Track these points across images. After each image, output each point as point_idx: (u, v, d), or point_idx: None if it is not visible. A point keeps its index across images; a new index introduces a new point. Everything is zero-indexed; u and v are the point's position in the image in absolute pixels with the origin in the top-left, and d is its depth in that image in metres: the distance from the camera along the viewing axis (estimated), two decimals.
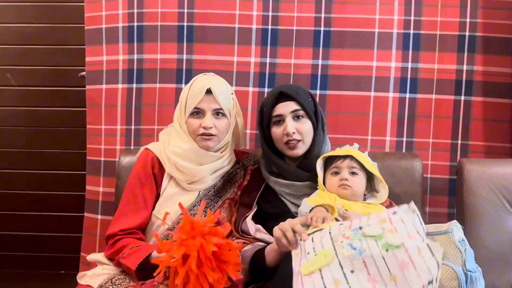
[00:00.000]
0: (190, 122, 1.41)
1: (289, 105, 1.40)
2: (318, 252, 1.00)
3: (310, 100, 1.44)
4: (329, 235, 1.03)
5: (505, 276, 1.45)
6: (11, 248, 2.26)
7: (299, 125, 1.39)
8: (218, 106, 1.40)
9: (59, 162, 2.28)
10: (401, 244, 0.94)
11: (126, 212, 1.39)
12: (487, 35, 1.76)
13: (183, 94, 1.47)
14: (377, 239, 0.97)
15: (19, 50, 2.25)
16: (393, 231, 0.98)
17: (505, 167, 1.51)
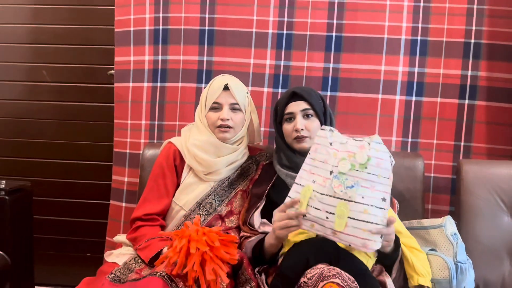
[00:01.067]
0: (209, 116, 1.56)
1: (300, 104, 1.52)
2: (336, 211, 1.16)
3: (320, 102, 1.56)
4: (321, 195, 1.19)
5: (497, 270, 1.54)
6: (44, 231, 2.40)
7: (308, 123, 1.51)
8: (234, 101, 1.55)
9: (88, 153, 2.39)
10: (368, 157, 1.18)
11: (150, 199, 1.53)
12: (492, 43, 1.83)
13: (203, 93, 1.61)
14: (352, 168, 1.16)
15: (53, 49, 2.37)
16: (351, 155, 1.18)
17: (500, 168, 1.59)
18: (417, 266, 1.32)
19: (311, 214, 1.20)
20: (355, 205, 1.15)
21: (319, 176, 1.22)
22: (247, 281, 1.33)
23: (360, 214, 1.15)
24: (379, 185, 1.18)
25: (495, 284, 1.53)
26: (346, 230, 1.15)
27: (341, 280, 1.09)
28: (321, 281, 1.10)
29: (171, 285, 1.20)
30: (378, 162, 1.19)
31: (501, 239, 1.54)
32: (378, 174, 1.18)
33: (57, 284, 2.38)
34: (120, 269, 1.34)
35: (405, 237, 1.39)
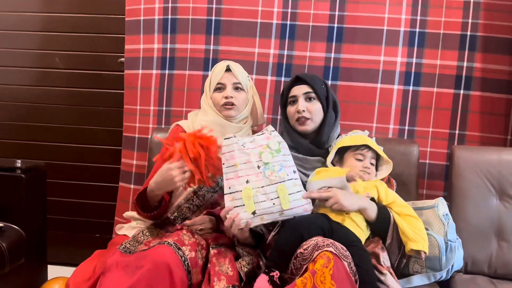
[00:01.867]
0: (214, 96, 1.65)
1: (303, 88, 1.61)
2: (279, 194, 1.36)
3: (323, 87, 1.64)
4: (262, 188, 1.36)
5: (485, 249, 1.62)
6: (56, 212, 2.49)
7: (310, 105, 1.60)
8: (236, 80, 1.64)
9: (98, 137, 2.48)
10: (278, 143, 1.43)
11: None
12: (487, 35, 1.90)
13: (207, 80, 1.71)
14: (272, 156, 1.39)
15: (66, 37, 2.45)
16: (265, 147, 1.39)
17: (490, 154, 1.67)
18: (408, 231, 1.39)
19: (260, 208, 1.34)
20: (288, 182, 1.37)
21: (249, 175, 1.38)
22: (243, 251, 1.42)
23: (293, 187, 1.37)
24: (289, 161, 1.43)
25: (482, 262, 1.62)
26: (291, 205, 1.35)
27: (334, 248, 1.18)
28: (316, 251, 1.19)
29: (178, 253, 1.30)
30: (283, 145, 1.44)
31: (489, 220, 1.62)
32: (286, 153, 1.43)
33: (67, 263, 2.48)
34: (130, 241, 1.43)
35: (398, 206, 1.46)
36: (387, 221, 1.43)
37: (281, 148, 1.42)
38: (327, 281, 1.13)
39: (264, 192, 1.34)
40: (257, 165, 1.37)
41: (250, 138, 1.45)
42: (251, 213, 1.33)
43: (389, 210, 1.46)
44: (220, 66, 1.67)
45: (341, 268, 1.16)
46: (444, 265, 1.47)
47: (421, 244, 1.38)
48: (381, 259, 1.38)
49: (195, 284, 1.32)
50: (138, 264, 1.27)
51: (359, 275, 1.21)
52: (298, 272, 1.22)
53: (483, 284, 1.54)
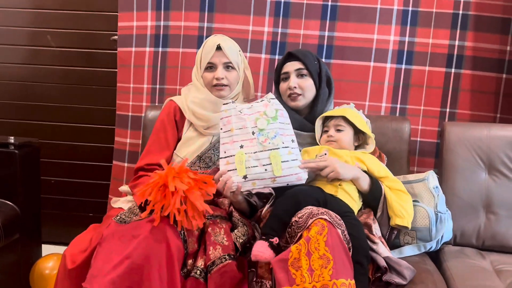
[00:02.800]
0: (205, 76, 1.65)
1: (295, 64, 1.62)
2: (271, 161, 1.37)
3: (316, 63, 1.64)
4: (255, 154, 1.37)
5: (473, 221, 1.66)
6: (50, 191, 2.49)
7: (301, 81, 1.61)
8: (227, 60, 1.63)
9: (91, 117, 2.47)
10: (276, 110, 1.43)
11: (152, 151, 1.63)
12: (479, 14, 1.92)
13: (198, 54, 1.69)
14: (268, 123, 1.40)
15: (57, 15, 2.42)
16: (262, 113, 1.40)
17: (480, 130, 1.70)
18: (395, 206, 1.43)
19: (252, 173, 1.37)
20: (282, 149, 1.38)
21: (244, 140, 1.40)
22: (239, 221, 1.45)
23: (287, 156, 1.38)
24: (287, 130, 1.43)
25: (471, 234, 1.66)
26: (283, 172, 1.36)
27: (328, 216, 1.21)
28: (310, 218, 1.22)
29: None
30: (281, 113, 1.45)
31: (478, 194, 1.66)
32: (284, 122, 1.44)
33: (61, 242, 2.49)
34: (125, 212, 1.44)
35: (390, 181, 1.49)
36: (379, 192, 1.46)
37: (278, 116, 1.42)
38: (321, 247, 1.16)
39: (257, 157, 1.36)
40: (252, 131, 1.39)
41: (248, 105, 1.47)
42: (242, 177, 1.36)
43: (380, 182, 1.49)
44: (210, 44, 1.65)
45: (334, 235, 1.19)
46: (434, 235, 1.51)
47: (406, 220, 1.43)
48: (373, 229, 1.42)
49: (191, 253, 1.34)
50: (135, 233, 1.28)
51: (352, 243, 1.24)
52: (292, 240, 1.25)
53: (471, 255, 1.59)
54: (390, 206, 1.44)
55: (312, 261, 1.14)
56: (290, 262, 1.16)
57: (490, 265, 1.52)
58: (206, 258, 1.31)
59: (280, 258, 1.19)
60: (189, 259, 1.33)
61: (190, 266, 1.32)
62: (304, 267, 1.14)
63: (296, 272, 1.15)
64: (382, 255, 1.33)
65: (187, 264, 1.32)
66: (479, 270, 1.46)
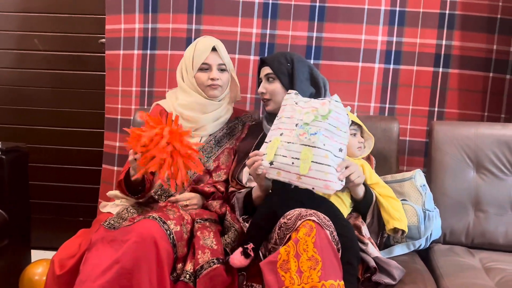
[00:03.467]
0: (199, 76, 1.64)
1: (266, 70, 1.64)
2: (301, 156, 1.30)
3: (289, 65, 1.61)
4: (288, 144, 1.33)
5: (462, 219, 1.67)
6: (39, 196, 2.46)
7: (268, 86, 1.62)
8: (222, 61, 1.64)
9: (80, 120, 2.45)
10: (329, 110, 1.34)
11: None
12: (465, 14, 1.94)
13: (188, 55, 1.68)
14: (315, 119, 1.32)
15: (44, 18, 2.39)
16: (315, 109, 1.32)
17: (468, 128, 1.71)
18: (392, 211, 1.44)
19: (278, 162, 1.34)
20: (317, 150, 1.30)
21: (286, 129, 1.37)
22: (231, 225, 1.44)
23: (322, 158, 1.29)
24: (337, 136, 1.34)
25: (460, 232, 1.67)
26: (310, 173, 1.29)
27: (317, 218, 1.21)
28: (299, 220, 1.22)
29: (163, 226, 1.31)
30: (337, 116, 1.35)
31: (466, 192, 1.68)
32: (337, 127, 1.34)
33: (51, 247, 2.47)
34: (114, 218, 1.43)
35: (381, 187, 1.50)
36: (371, 200, 1.48)
37: (329, 116, 1.33)
38: (310, 249, 1.16)
39: (288, 148, 1.33)
40: (296, 122, 1.36)
41: (307, 99, 1.43)
42: (268, 162, 1.34)
43: (371, 190, 1.50)
44: (205, 44, 1.65)
45: (323, 236, 1.19)
46: (422, 233, 1.52)
47: (404, 223, 1.44)
48: (363, 230, 1.42)
49: (180, 257, 1.34)
50: (124, 238, 1.28)
51: (342, 243, 1.24)
52: (281, 242, 1.25)
53: (461, 253, 1.60)
54: (386, 211, 1.45)
55: (301, 263, 1.14)
56: (279, 264, 1.16)
57: (479, 263, 1.53)
58: (195, 262, 1.31)
59: (269, 261, 1.19)
60: (178, 263, 1.33)
61: (180, 270, 1.32)
62: (293, 269, 1.14)
63: (285, 274, 1.15)
64: (371, 255, 1.33)
65: (177, 268, 1.32)
66: (469, 268, 1.47)
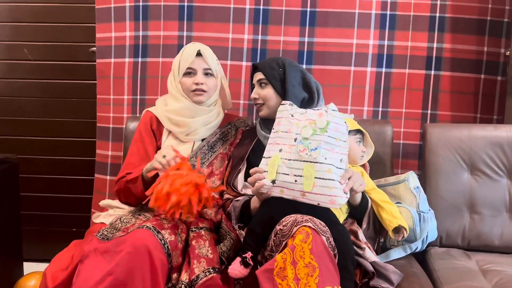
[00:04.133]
0: (184, 81, 1.63)
1: (258, 75, 1.63)
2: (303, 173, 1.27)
3: (281, 70, 1.61)
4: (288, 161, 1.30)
5: (458, 222, 1.67)
6: (30, 207, 2.43)
7: (261, 91, 1.61)
8: (207, 66, 1.63)
9: (71, 130, 2.43)
10: (327, 122, 1.28)
11: (132, 162, 1.60)
12: (455, 16, 1.95)
13: (175, 61, 1.67)
14: (314, 133, 1.28)
15: (33, 28, 2.38)
16: (312, 122, 1.29)
17: (461, 130, 1.71)
18: (394, 212, 1.43)
19: (280, 180, 1.30)
20: (320, 165, 1.26)
21: (284, 144, 1.33)
22: (227, 233, 1.43)
23: (325, 173, 1.26)
24: (338, 147, 1.30)
25: (456, 235, 1.67)
26: (314, 189, 1.26)
27: (313, 223, 1.20)
28: (295, 226, 1.20)
29: (157, 236, 1.29)
30: (336, 127, 1.31)
31: (461, 194, 1.67)
32: (337, 138, 1.30)
33: (44, 259, 2.43)
34: (107, 228, 1.41)
35: (377, 193, 1.50)
36: (366, 206, 1.47)
37: (328, 128, 1.29)
38: (306, 255, 1.14)
39: (290, 165, 1.29)
40: (295, 137, 1.32)
41: (303, 110, 1.39)
42: (271, 181, 1.31)
43: (368, 197, 1.49)
44: (191, 49, 1.64)
45: (319, 242, 1.18)
46: (418, 235, 1.51)
47: (405, 223, 1.44)
48: (359, 235, 1.41)
49: (175, 267, 1.32)
50: (117, 249, 1.26)
51: (338, 248, 1.23)
52: (278, 249, 1.23)
53: (457, 256, 1.59)
54: (389, 213, 1.44)
55: (298, 270, 1.13)
56: (276, 272, 1.15)
57: (476, 265, 1.53)
58: (191, 272, 1.29)
59: (265, 268, 1.17)
60: (173, 273, 1.31)
61: (175, 280, 1.30)
62: (290, 277, 1.12)
63: (282, 282, 1.13)
64: (369, 260, 1.32)
65: (172, 279, 1.30)
66: (466, 271, 1.46)
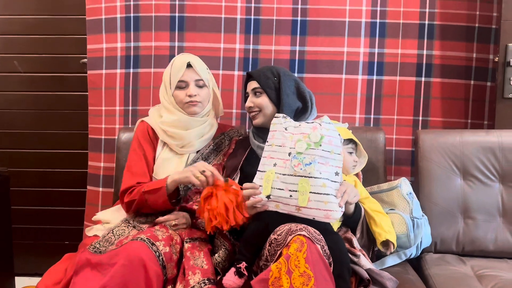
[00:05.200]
0: (176, 94, 1.63)
1: (252, 84, 1.63)
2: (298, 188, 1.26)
3: (276, 79, 1.62)
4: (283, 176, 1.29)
5: (452, 228, 1.67)
6: (22, 221, 2.41)
7: (256, 100, 1.61)
8: (198, 77, 1.63)
9: (63, 142, 2.41)
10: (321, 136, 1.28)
11: (136, 171, 1.57)
12: (444, 24, 1.97)
13: (166, 74, 1.67)
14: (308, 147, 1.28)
15: (24, 40, 2.37)
16: (306, 136, 1.28)
17: (453, 136, 1.73)
18: (384, 225, 1.44)
19: (275, 195, 1.29)
20: (314, 180, 1.26)
21: (278, 159, 1.32)
22: (221, 244, 1.42)
23: (320, 188, 1.25)
24: (332, 160, 1.30)
25: (450, 240, 1.67)
26: (309, 204, 1.25)
27: (307, 232, 1.20)
28: (289, 235, 1.20)
29: (152, 248, 1.28)
30: (330, 140, 1.30)
31: (455, 200, 1.68)
32: (331, 151, 1.30)
33: (36, 274, 2.40)
34: (100, 241, 1.39)
35: (370, 202, 1.50)
36: (359, 215, 1.48)
37: (322, 142, 1.29)
38: (301, 264, 1.14)
39: (284, 181, 1.28)
40: (289, 151, 1.30)
41: (296, 123, 1.38)
42: (265, 196, 1.30)
43: (360, 205, 1.50)
44: (180, 61, 1.64)
45: (314, 251, 1.17)
46: (413, 241, 1.51)
47: (394, 237, 1.44)
48: (354, 242, 1.41)
49: (170, 279, 1.30)
50: (111, 262, 1.24)
51: (333, 256, 1.23)
52: (272, 258, 1.23)
53: (452, 261, 1.59)
54: (377, 225, 1.44)
55: (293, 280, 1.12)
56: (271, 282, 1.14)
57: (471, 271, 1.53)
58: (186, 283, 1.27)
59: (261, 278, 1.16)
60: (168, 285, 1.30)
61: None
62: (285, 286, 1.12)
63: None
64: (364, 267, 1.32)
65: None
66: (461, 277, 1.46)
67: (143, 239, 1.29)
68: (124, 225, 1.47)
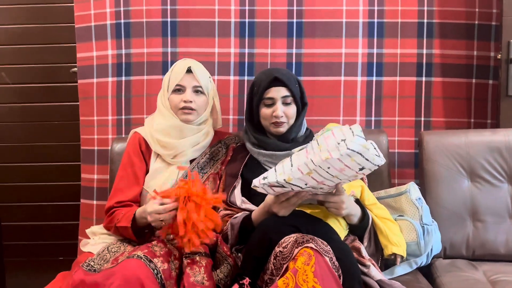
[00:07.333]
0: (172, 98, 1.57)
1: (281, 91, 1.54)
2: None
3: (297, 86, 1.58)
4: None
5: (461, 231, 1.62)
6: (13, 237, 2.34)
7: (287, 109, 1.54)
8: (197, 83, 1.57)
9: (54, 154, 2.36)
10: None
11: (121, 188, 1.53)
12: (443, 22, 1.93)
13: (165, 77, 1.63)
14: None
15: (12, 50, 2.32)
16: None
17: (458, 137, 1.68)
18: (390, 236, 1.39)
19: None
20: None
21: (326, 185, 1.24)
22: (223, 259, 1.35)
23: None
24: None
25: (460, 244, 1.61)
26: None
27: (315, 244, 1.13)
28: (296, 248, 1.14)
29: (149, 265, 1.21)
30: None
31: (462, 202, 1.62)
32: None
33: None
34: (94, 259, 1.33)
35: (378, 208, 1.45)
36: (367, 224, 1.42)
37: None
38: (310, 279, 1.08)
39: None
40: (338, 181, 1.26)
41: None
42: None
43: (369, 213, 1.44)
44: (181, 65, 1.59)
45: (323, 264, 1.11)
46: (423, 249, 1.46)
47: (402, 249, 1.39)
48: (362, 252, 1.35)
49: None
50: (107, 282, 1.18)
51: (342, 268, 1.17)
52: (278, 272, 1.16)
53: (463, 267, 1.54)
54: (384, 236, 1.39)
55: None
56: None
57: (483, 276, 1.47)
58: None
59: None
60: None
61: None
62: None
63: None
64: (374, 278, 1.26)
65: None
66: (474, 283, 1.41)
67: (140, 256, 1.22)
68: (120, 242, 1.41)
